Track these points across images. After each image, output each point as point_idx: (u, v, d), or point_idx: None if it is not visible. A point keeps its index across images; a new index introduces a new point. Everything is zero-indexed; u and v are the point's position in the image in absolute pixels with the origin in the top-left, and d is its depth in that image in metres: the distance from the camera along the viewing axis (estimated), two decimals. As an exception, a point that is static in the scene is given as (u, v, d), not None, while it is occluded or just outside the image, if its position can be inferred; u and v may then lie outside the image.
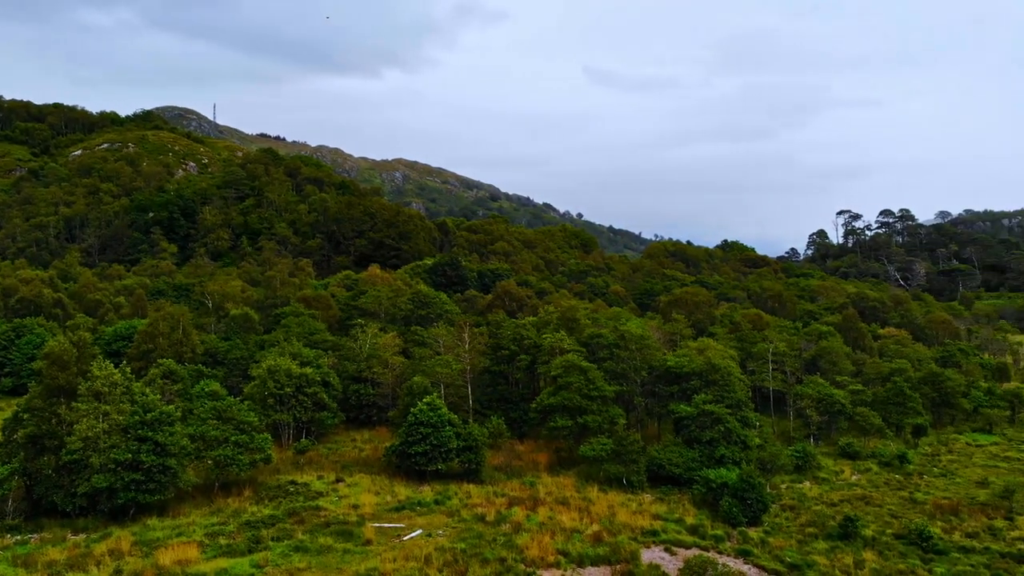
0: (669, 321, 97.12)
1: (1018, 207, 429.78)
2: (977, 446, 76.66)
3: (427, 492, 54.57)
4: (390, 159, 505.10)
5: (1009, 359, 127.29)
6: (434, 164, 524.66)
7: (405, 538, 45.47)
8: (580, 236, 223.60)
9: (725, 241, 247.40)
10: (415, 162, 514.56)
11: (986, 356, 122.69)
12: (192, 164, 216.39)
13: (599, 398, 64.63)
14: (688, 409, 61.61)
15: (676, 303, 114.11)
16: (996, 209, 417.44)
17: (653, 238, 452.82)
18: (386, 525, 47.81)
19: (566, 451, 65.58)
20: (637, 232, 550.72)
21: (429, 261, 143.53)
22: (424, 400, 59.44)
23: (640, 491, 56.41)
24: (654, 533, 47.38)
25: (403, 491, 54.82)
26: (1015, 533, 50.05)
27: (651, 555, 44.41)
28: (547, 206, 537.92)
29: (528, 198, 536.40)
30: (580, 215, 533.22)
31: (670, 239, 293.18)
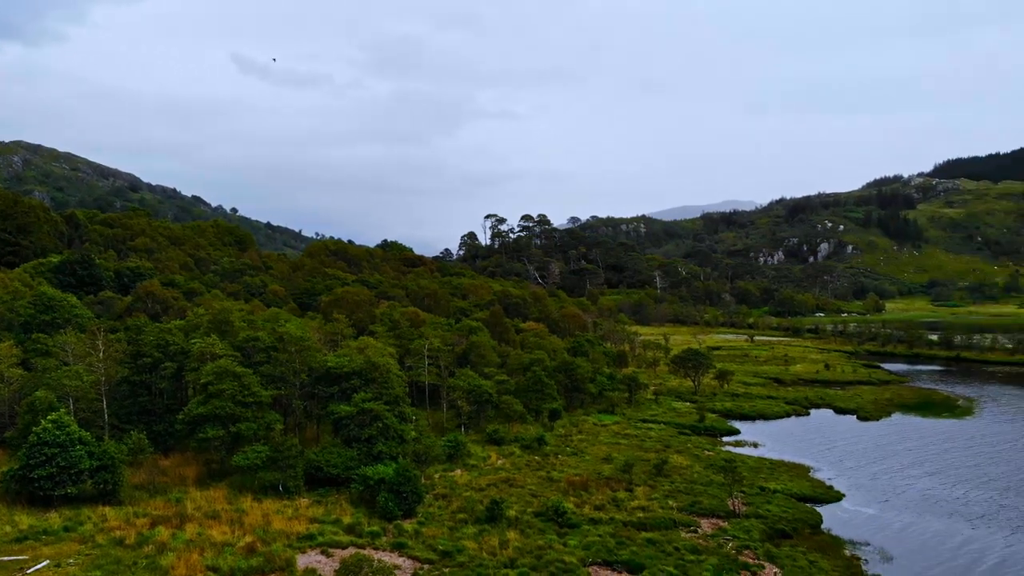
0: (330, 321, 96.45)
1: (634, 214, 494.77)
2: (602, 426, 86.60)
3: (55, 519, 48.38)
4: (7, 141, 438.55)
5: (627, 347, 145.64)
6: (62, 149, 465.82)
7: (29, 571, 40.17)
8: (235, 233, 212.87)
9: (385, 241, 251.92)
10: (39, 145, 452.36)
11: (608, 345, 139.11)
12: None
13: (255, 404, 62.04)
14: (347, 408, 61.63)
15: (337, 303, 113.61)
16: (617, 216, 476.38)
17: (315, 236, 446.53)
18: (5, 559, 41.71)
19: (217, 463, 62.01)
20: (298, 229, 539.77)
21: (55, 259, 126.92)
22: (49, 417, 52.44)
23: (297, 496, 55.28)
24: (311, 537, 46.79)
25: (25, 520, 48.06)
26: (634, 503, 57.19)
27: (307, 559, 43.78)
28: (197, 199, 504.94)
29: (175, 190, 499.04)
30: (235, 210, 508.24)
31: (332, 238, 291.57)
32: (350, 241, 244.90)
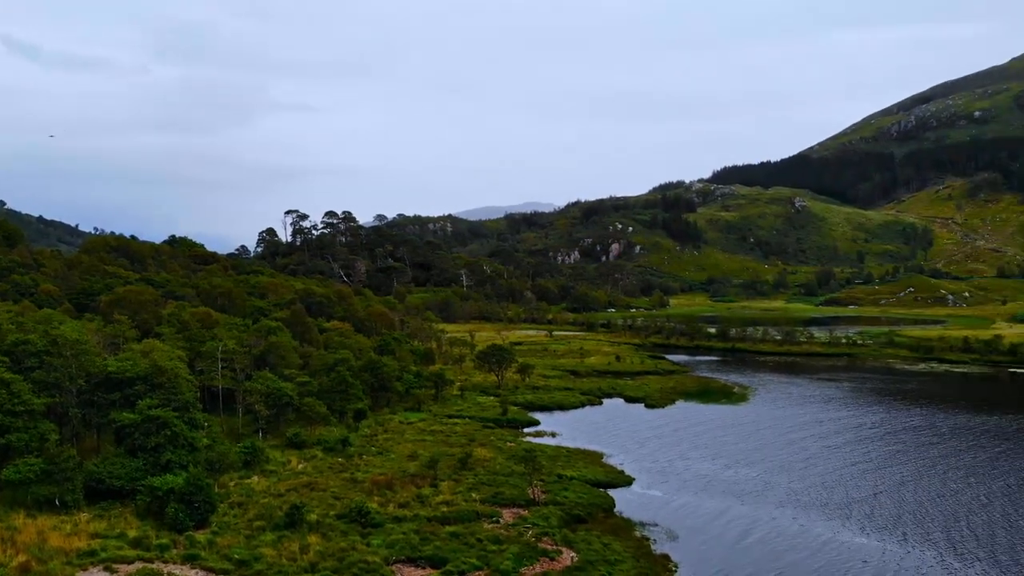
0: (111, 323, 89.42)
1: (441, 213, 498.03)
2: (408, 423, 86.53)
3: None
4: None
5: (434, 344, 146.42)
6: None
7: None
8: (2, 227, 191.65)
9: (173, 237, 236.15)
10: None
11: (416, 343, 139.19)
12: None
13: (26, 413, 56.38)
14: (131, 416, 57.45)
15: (119, 303, 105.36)
16: (424, 214, 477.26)
17: (93, 231, 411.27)
18: None
19: (-20, 479, 55.68)
20: (74, 224, 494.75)
21: None
22: None
23: (77, 511, 50.89)
24: (92, 553, 43.32)
25: None
26: (439, 498, 57.60)
27: (88, 580, 40.49)
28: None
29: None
30: (3, 203, 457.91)
31: (112, 233, 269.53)
32: (133, 237, 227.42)
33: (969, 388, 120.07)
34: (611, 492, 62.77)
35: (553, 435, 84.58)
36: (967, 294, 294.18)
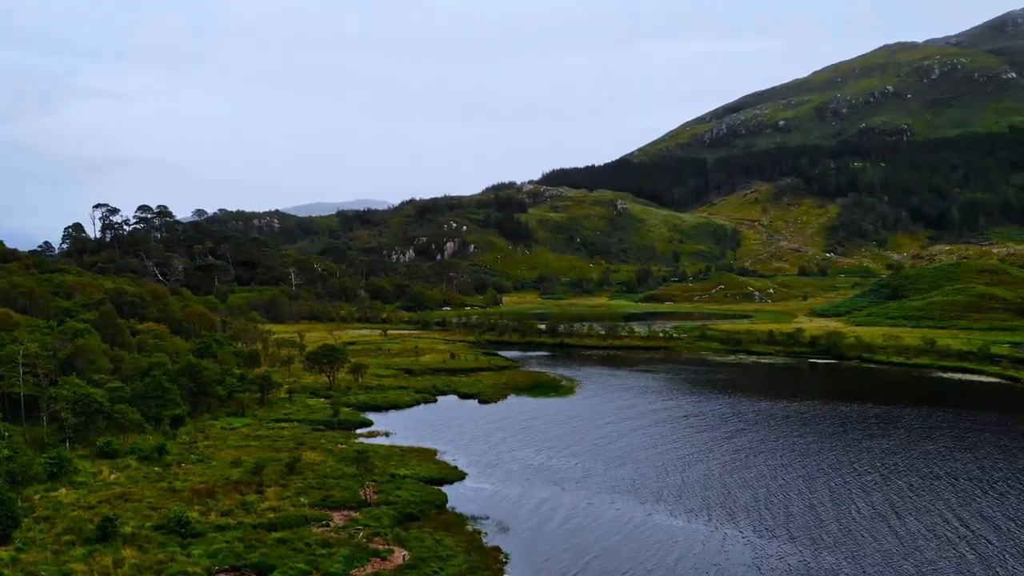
0: None
1: (267, 208, 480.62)
2: (231, 429, 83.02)
3: None
4: None
5: (259, 346, 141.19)
6: None
7: None
8: None
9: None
10: None
11: (239, 345, 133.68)
12: None
13: None
14: (-89, 430, 51.67)
15: None
16: (248, 210, 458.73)
17: None
18: None
19: None
20: None
21: None
22: None
23: None
24: None
25: None
26: (265, 504, 55.75)
27: None
28: None
29: None
30: None
31: None
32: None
33: (774, 378, 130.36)
34: (444, 488, 63.26)
35: (387, 435, 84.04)
36: (772, 291, 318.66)
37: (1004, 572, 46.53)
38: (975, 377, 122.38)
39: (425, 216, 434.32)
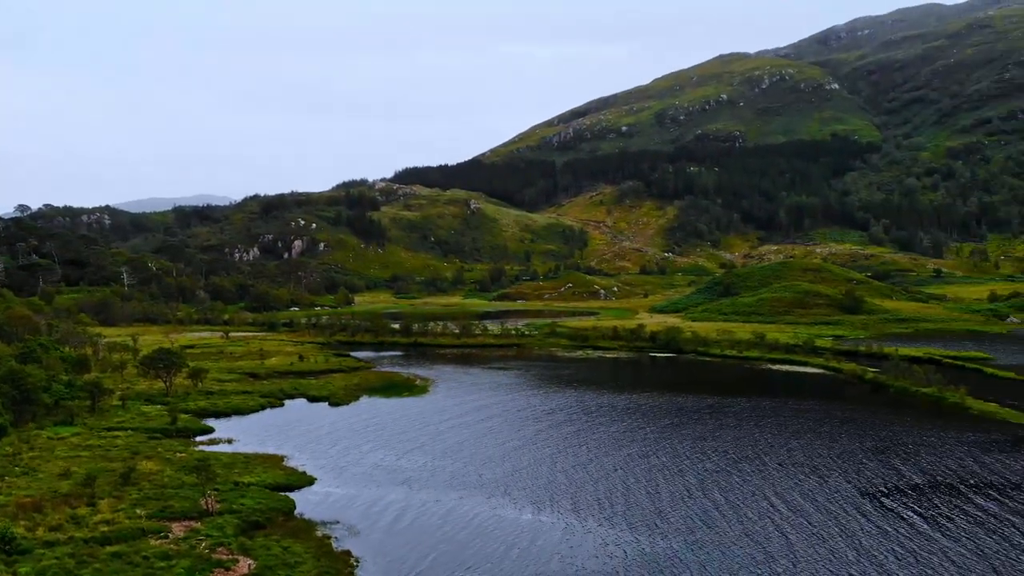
0: None
1: (98, 204, 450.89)
2: (60, 439, 77.69)
3: None
4: None
5: (89, 350, 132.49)
6: None
7: None
8: None
9: None
10: None
11: (67, 349, 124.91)
12: None
13: None
14: None
15: None
16: (76, 205, 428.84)
17: None
18: None
19: None
20: None
21: None
22: None
23: None
24: None
25: None
26: (98, 517, 52.71)
27: None
28: None
29: None
30: None
31: None
32: None
33: (617, 372, 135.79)
34: (292, 494, 62.02)
35: (230, 441, 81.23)
36: (616, 289, 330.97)
37: (855, 555, 50.96)
38: (801, 368, 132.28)
39: (271, 213, 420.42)
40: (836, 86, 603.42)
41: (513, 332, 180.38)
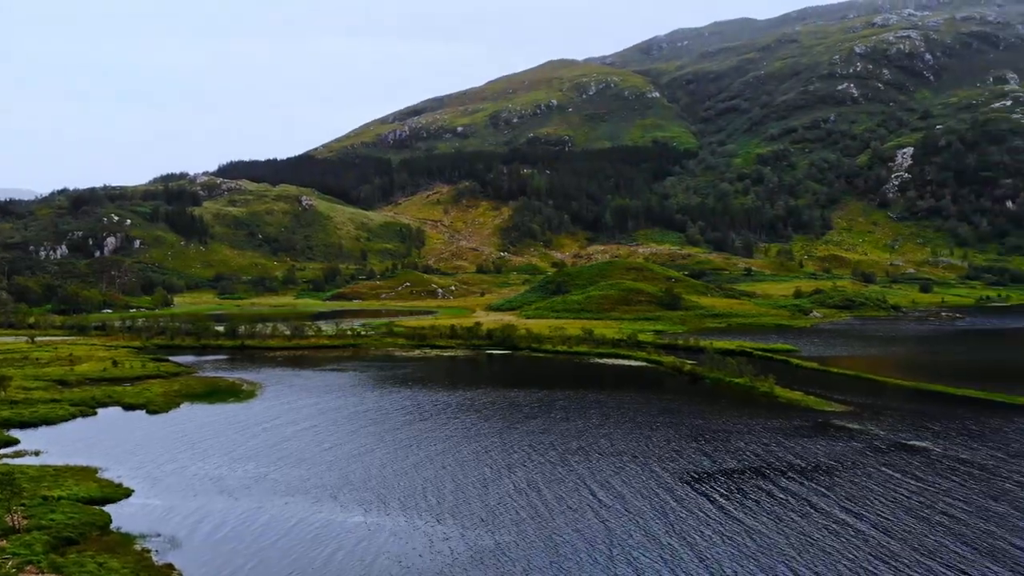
0: None
1: None
2: None
3: None
4: None
5: None
6: None
7: None
8: None
9: None
10: None
11: None
12: None
13: None
14: None
15: None
16: None
17: None
18: None
19: None
20: None
21: None
22: None
23: None
24: None
25: None
26: None
27: None
28: None
29: None
30: None
31: None
32: None
33: (454, 369, 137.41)
34: (107, 508, 58.67)
35: (37, 453, 75.46)
36: (453, 287, 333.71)
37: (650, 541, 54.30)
38: (625, 362, 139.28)
39: (81, 208, 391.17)
40: (657, 94, 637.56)
41: (349, 332, 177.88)
